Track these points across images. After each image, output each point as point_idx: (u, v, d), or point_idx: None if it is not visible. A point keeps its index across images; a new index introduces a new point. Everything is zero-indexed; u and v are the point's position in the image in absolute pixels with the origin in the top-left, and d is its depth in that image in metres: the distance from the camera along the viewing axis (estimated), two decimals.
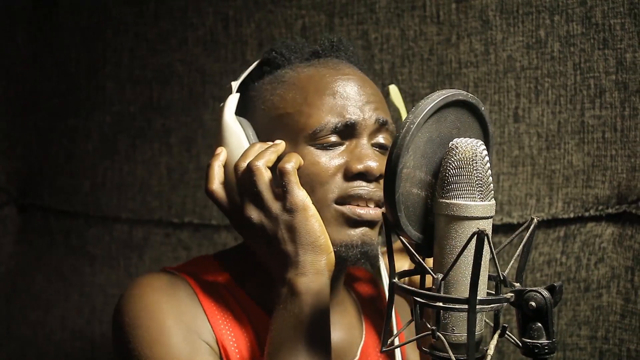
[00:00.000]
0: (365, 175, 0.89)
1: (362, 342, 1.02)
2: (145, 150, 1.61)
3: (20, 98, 1.72)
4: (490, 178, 0.71)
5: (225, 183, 0.91)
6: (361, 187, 0.89)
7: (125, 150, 1.63)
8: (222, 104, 0.96)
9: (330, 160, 0.89)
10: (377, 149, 0.92)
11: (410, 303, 1.05)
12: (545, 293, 0.67)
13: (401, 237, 0.74)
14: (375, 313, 1.07)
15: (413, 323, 0.74)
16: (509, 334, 0.74)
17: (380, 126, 0.92)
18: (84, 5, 1.66)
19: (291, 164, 0.86)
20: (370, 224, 0.90)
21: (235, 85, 0.97)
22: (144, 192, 1.61)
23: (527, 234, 0.74)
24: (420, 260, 0.73)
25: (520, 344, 0.69)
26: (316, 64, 0.95)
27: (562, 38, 1.27)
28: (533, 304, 0.67)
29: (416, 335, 0.75)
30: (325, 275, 0.85)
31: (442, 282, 0.70)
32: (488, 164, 0.71)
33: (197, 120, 1.55)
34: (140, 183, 1.61)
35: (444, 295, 0.70)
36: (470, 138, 0.72)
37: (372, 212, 0.90)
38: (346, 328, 1.01)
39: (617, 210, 1.25)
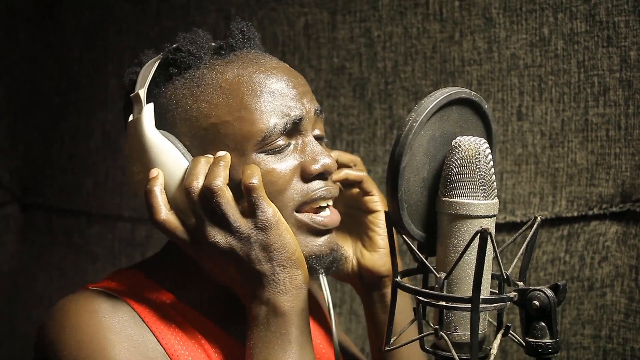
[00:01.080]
0: (323, 175, 0.85)
1: None
2: None
3: (22, 97, 1.72)
4: (494, 176, 0.71)
5: (173, 208, 0.81)
6: (321, 189, 0.85)
7: None
8: (132, 117, 0.84)
9: (284, 165, 0.83)
10: (316, 141, 0.88)
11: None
12: (549, 292, 0.67)
13: (404, 236, 0.74)
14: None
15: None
16: (513, 333, 0.74)
17: (317, 116, 0.88)
18: (85, 3, 1.66)
19: (257, 178, 0.79)
20: (332, 230, 0.87)
21: (144, 93, 0.83)
22: None
23: (531, 233, 0.73)
24: (423, 259, 0.73)
25: (523, 343, 0.69)
26: (235, 60, 0.85)
27: (565, 36, 1.26)
28: (537, 303, 0.67)
29: (419, 334, 0.74)
30: (304, 290, 0.80)
31: (445, 281, 0.70)
32: (491, 163, 0.71)
33: None
34: None
35: (447, 294, 0.70)
36: (474, 136, 0.72)
37: (335, 217, 0.87)
38: None
39: (621, 208, 1.24)
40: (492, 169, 0.71)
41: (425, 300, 0.71)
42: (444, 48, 1.36)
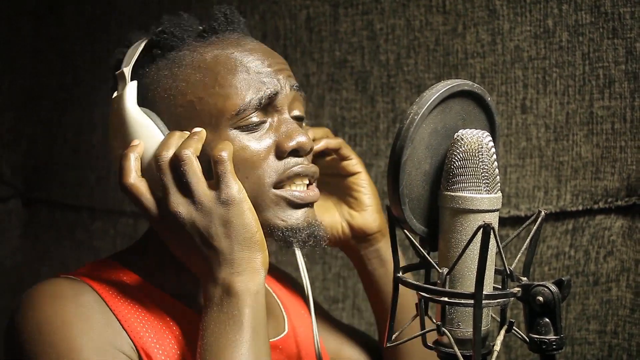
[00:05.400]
0: (297, 152, 0.86)
1: (285, 318, 1.01)
2: None
3: (25, 91, 1.72)
4: (497, 170, 0.70)
5: (145, 178, 0.82)
6: (297, 165, 0.86)
7: None
8: (115, 94, 0.87)
9: (259, 142, 0.84)
10: (296, 121, 0.89)
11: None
12: (553, 288, 0.66)
13: (405, 231, 0.73)
14: (284, 294, 1.07)
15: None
16: (516, 329, 0.73)
17: (296, 92, 0.88)
18: None
19: (227, 152, 0.79)
20: (311, 204, 0.88)
21: (128, 71, 0.86)
22: None
23: (535, 227, 0.72)
24: (425, 254, 0.72)
25: (527, 339, 0.68)
26: (216, 42, 0.87)
27: (570, 27, 1.25)
28: (540, 298, 0.66)
29: (421, 330, 0.74)
30: (261, 273, 0.80)
31: (448, 276, 0.69)
32: (494, 156, 0.70)
33: None
34: None
35: (450, 290, 0.69)
36: (476, 129, 0.71)
37: (312, 193, 0.88)
38: (271, 308, 0.99)
39: (627, 202, 1.23)
40: (495, 162, 0.70)
41: (427, 295, 0.70)
42: (447, 40, 1.35)
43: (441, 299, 0.69)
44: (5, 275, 1.70)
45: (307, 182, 0.88)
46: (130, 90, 0.85)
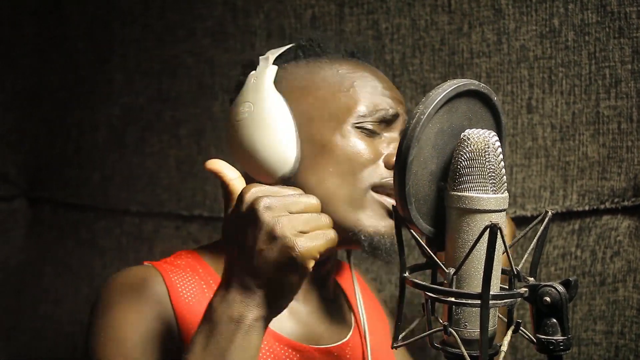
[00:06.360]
0: None
1: (352, 326, 1.04)
2: (154, 142, 1.60)
3: (28, 91, 1.72)
4: (503, 170, 0.70)
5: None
6: None
7: (134, 142, 1.62)
8: (253, 71, 0.95)
9: (373, 147, 0.92)
10: None
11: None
12: (560, 288, 0.66)
13: (412, 231, 0.73)
14: (365, 303, 1.09)
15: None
16: (523, 329, 0.73)
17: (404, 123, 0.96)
18: None
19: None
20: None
21: (273, 57, 0.96)
22: (153, 184, 1.60)
23: (542, 227, 0.72)
24: (432, 254, 0.72)
25: (534, 340, 0.68)
26: (352, 62, 0.98)
27: (576, 27, 1.25)
28: (548, 299, 0.66)
29: (428, 330, 0.73)
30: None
31: (454, 276, 0.69)
32: (501, 156, 0.70)
33: (206, 112, 1.54)
34: (149, 175, 1.61)
35: (456, 290, 0.69)
36: (483, 129, 0.71)
37: None
38: (336, 314, 1.03)
39: (634, 202, 1.22)
40: (502, 162, 0.70)
41: (434, 296, 0.70)
42: (452, 40, 1.34)
43: (448, 299, 0.69)
44: (9, 275, 1.70)
45: None
46: (271, 73, 0.94)
